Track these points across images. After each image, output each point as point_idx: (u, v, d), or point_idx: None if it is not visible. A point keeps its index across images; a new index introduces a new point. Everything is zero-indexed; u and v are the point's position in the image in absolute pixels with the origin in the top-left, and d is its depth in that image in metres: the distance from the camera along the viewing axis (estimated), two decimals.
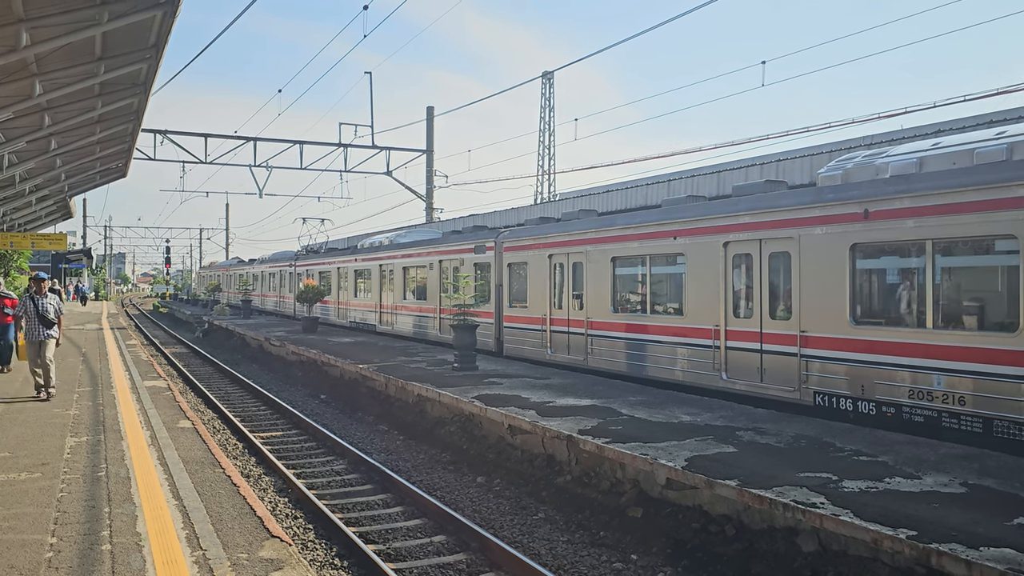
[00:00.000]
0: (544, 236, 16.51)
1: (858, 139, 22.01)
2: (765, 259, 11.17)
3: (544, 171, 50.18)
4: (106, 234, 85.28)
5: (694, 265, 12.36)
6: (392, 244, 25.55)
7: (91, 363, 17.15)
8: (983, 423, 8.44)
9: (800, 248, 10.55)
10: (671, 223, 12.92)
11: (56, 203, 37.04)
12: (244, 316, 36.66)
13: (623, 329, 13.97)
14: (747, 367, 11.38)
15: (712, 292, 12.01)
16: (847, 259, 9.93)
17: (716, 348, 11.91)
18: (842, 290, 9.99)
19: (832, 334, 10.12)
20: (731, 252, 11.73)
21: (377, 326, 25.82)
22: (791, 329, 10.68)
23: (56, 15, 11.97)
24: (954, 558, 5.13)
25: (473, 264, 19.36)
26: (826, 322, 10.19)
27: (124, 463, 7.98)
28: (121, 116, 19.67)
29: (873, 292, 10.03)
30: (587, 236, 15.02)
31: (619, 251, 14.10)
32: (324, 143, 33.28)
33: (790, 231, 10.69)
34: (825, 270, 10.20)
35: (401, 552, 7.47)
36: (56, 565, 5.16)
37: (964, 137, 9.92)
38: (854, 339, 9.82)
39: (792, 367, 10.64)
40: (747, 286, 11.53)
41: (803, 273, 10.51)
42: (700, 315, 12.22)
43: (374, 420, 14.28)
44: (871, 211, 9.59)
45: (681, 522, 7.39)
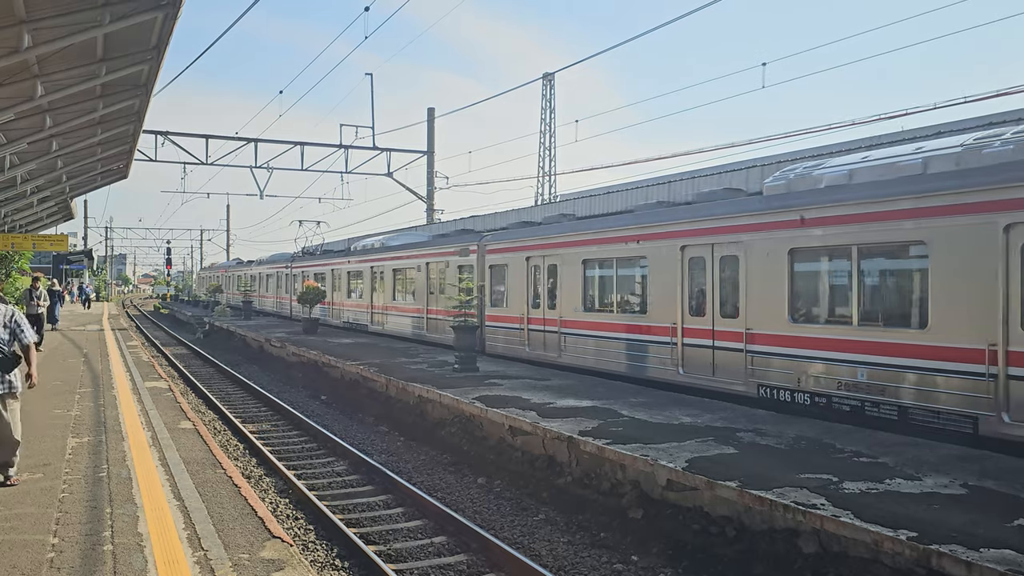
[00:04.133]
0: (522, 240, 17.32)
1: (858, 140, 22.00)
2: (717, 262, 11.93)
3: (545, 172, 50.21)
4: (107, 235, 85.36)
5: (655, 267, 13.15)
6: (383, 247, 26.30)
7: (92, 364, 17.17)
8: (899, 411, 9.28)
9: (746, 252, 11.35)
10: (635, 228, 13.74)
11: (57, 204, 37.08)
12: (245, 317, 36.67)
13: (593, 327, 14.70)
14: (702, 362, 12.11)
15: (671, 292, 12.76)
16: (786, 262, 10.73)
17: (674, 344, 12.66)
18: (781, 291, 10.78)
19: (773, 331, 10.91)
20: (687, 255, 12.48)
21: (369, 326, 26.49)
22: (738, 327, 11.42)
23: (57, 16, 11.99)
24: (954, 559, 5.13)
25: (457, 266, 19.98)
26: (768, 320, 10.99)
27: (125, 464, 7.99)
28: (122, 117, 19.70)
29: (808, 293, 10.84)
30: (561, 240, 15.81)
31: (589, 254, 14.88)
32: (325, 144, 33.29)
33: (738, 236, 11.51)
34: (767, 272, 11.00)
35: (402, 553, 7.48)
36: (58, 565, 5.17)
37: (890, 151, 10.75)
38: (791, 336, 10.62)
39: (739, 362, 11.38)
40: (701, 287, 12.27)
41: (749, 275, 11.30)
42: (660, 314, 12.98)
43: (375, 421, 14.29)
44: (806, 218, 10.41)
45: (682, 523, 7.40)
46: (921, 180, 9.26)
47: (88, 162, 25.97)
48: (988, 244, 8.37)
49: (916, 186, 9.20)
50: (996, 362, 8.27)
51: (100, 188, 36.10)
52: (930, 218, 8.93)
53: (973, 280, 8.54)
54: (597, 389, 12.66)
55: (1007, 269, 8.21)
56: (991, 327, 8.32)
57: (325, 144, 33.29)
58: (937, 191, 8.91)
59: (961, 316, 8.66)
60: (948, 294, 8.80)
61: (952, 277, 8.76)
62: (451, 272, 20.24)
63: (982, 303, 8.43)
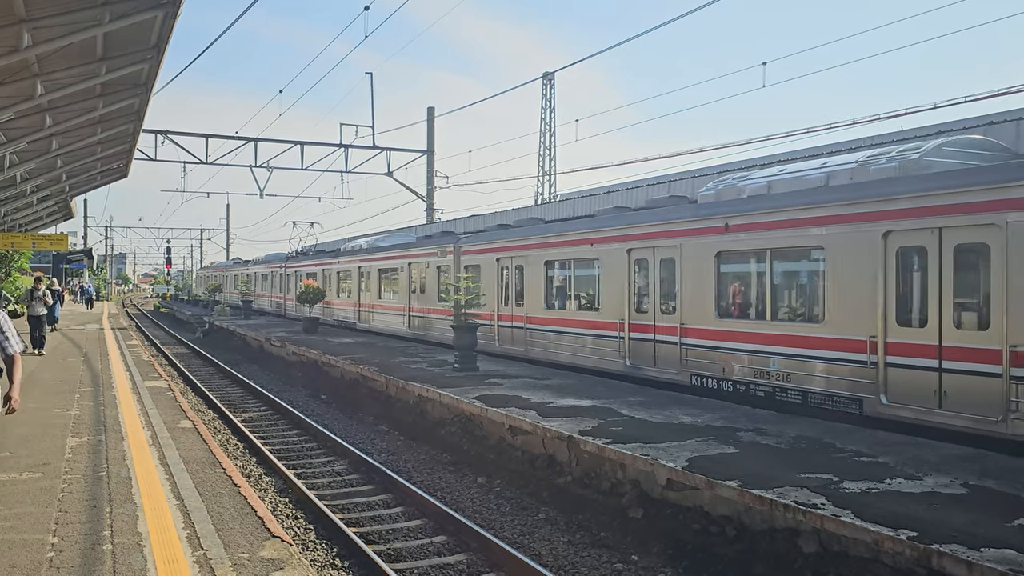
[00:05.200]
0: (493, 242, 18.60)
1: (858, 140, 21.98)
2: (657, 264, 13.19)
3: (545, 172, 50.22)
4: (107, 234, 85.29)
5: (606, 268, 14.38)
6: (370, 248, 27.51)
7: (92, 363, 17.16)
8: (801, 395, 10.56)
9: (681, 255, 12.61)
10: (589, 232, 15.00)
11: (57, 203, 37.06)
12: (244, 316, 36.67)
13: (555, 323, 16.01)
14: (645, 354, 13.39)
15: (619, 291, 14.02)
16: (713, 264, 12.00)
17: (622, 338, 13.95)
18: (710, 290, 12.07)
19: (703, 326, 12.19)
20: (633, 258, 13.73)
21: (356, 323, 27.63)
22: (675, 322, 12.74)
23: (57, 15, 11.97)
24: (955, 559, 5.13)
25: (436, 267, 21.22)
26: (699, 316, 12.28)
27: (125, 463, 7.98)
28: (122, 116, 19.68)
29: (731, 291, 12.06)
30: (526, 243, 17.10)
31: (551, 256, 16.18)
32: (325, 144, 33.24)
33: (675, 240, 12.78)
34: (698, 273, 12.28)
35: (402, 552, 7.48)
36: (57, 565, 5.16)
37: (803, 164, 12.18)
38: (718, 330, 11.90)
39: (676, 353, 12.67)
40: (645, 287, 13.60)
41: (683, 276, 12.58)
42: (610, 311, 14.24)
43: (374, 420, 14.28)
44: (730, 225, 11.70)
45: (682, 523, 7.39)
46: (820, 192, 10.64)
47: (88, 161, 25.95)
48: (870, 249, 9.61)
49: (816, 197, 10.54)
50: (876, 351, 9.52)
51: (100, 187, 36.07)
52: (826, 226, 10.24)
53: (859, 280, 9.78)
54: (597, 388, 12.65)
55: (885, 270, 9.48)
56: (872, 321, 9.60)
57: (325, 143, 33.24)
58: (831, 202, 10.23)
59: (849, 311, 9.91)
60: (840, 292, 10.06)
61: (843, 277, 10.01)
62: (431, 272, 21.51)
63: (866, 300, 9.68)
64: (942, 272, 8.93)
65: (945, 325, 8.88)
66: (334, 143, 33.05)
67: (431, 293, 21.67)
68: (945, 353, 8.85)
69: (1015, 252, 8.17)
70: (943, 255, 8.92)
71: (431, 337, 21.49)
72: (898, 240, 9.36)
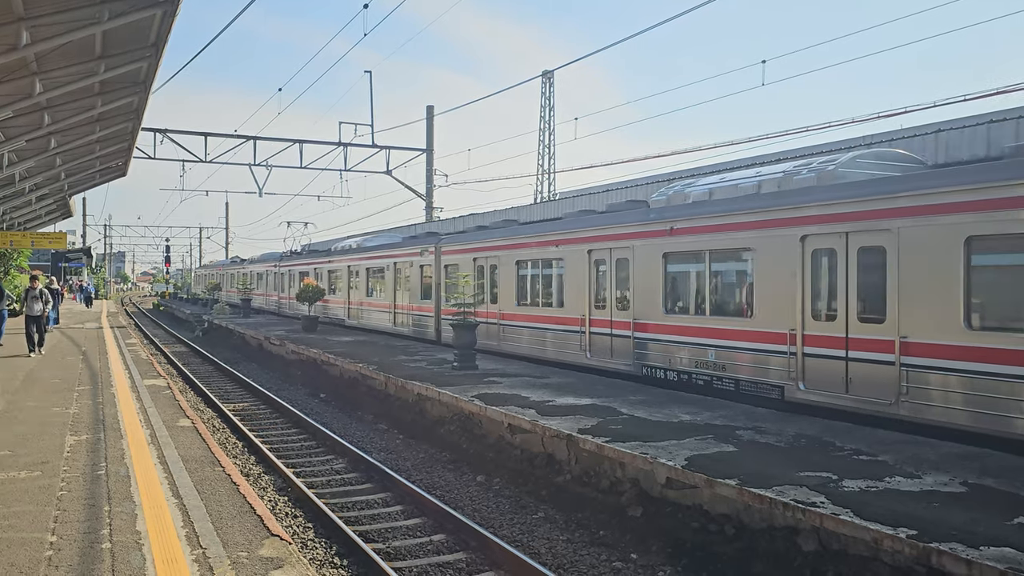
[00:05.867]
0: (470, 243, 19.63)
1: (857, 139, 22.00)
2: (614, 264, 14.18)
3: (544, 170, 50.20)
4: (106, 233, 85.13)
5: (570, 268, 15.39)
6: (359, 248, 28.48)
7: (91, 361, 17.15)
8: (734, 383, 11.55)
9: (634, 255, 13.64)
10: (555, 234, 16.07)
11: (56, 202, 37.02)
12: (243, 315, 36.65)
13: (524, 319, 17.03)
14: (603, 348, 14.43)
15: (581, 289, 14.99)
16: (661, 264, 13.03)
17: (583, 333, 14.94)
18: (658, 287, 13.10)
19: (652, 321, 13.25)
20: (593, 258, 14.74)
21: (346, 320, 28.69)
22: (628, 317, 13.79)
23: (56, 14, 11.96)
24: (954, 557, 5.13)
25: (420, 266, 22.32)
26: (649, 311, 13.31)
27: (124, 462, 7.97)
28: (121, 115, 19.65)
29: (677, 288, 13.07)
30: (499, 244, 18.11)
31: (521, 256, 17.20)
32: (324, 142, 33.19)
33: (628, 242, 13.79)
34: (648, 272, 13.32)
35: (401, 551, 7.47)
36: (56, 563, 5.15)
37: (740, 173, 13.34)
38: (665, 324, 12.98)
39: (629, 346, 13.71)
40: (602, 284, 14.54)
41: (635, 274, 13.60)
42: (573, 308, 15.23)
43: (373, 419, 14.28)
44: (675, 228, 12.75)
45: (681, 521, 7.39)
46: (751, 199, 11.64)
47: (87, 159, 25.92)
48: (790, 251, 10.69)
49: (746, 204, 11.56)
50: (795, 343, 10.59)
51: (99, 186, 36.02)
52: (754, 230, 11.30)
53: (781, 279, 10.85)
54: (596, 387, 12.65)
55: (803, 270, 10.53)
56: (792, 315, 10.66)
57: (324, 142, 33.19)
58: (758, 209, 11.27)
59: (774, 307, 11.00)
60: (765, 290, 11.15)
61: (768, 276, 11.10)
62: (414, 271, 22.64)
63: (787, 297, 10.76)
64: (848, 272, 9.98)
65: (851, 319, 9.92)
66: (333, 141, 33.02)
67: (415, 291, 22.75)
68: (851, 344, 9.90)
69: (905, 254, 9.24)
70: (849, 257, 9.97)
71: (414, 333, 22.68)
72: (813, 243, 10.42)
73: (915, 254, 9.15)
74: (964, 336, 8.60)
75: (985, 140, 16.64)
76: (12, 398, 11.97)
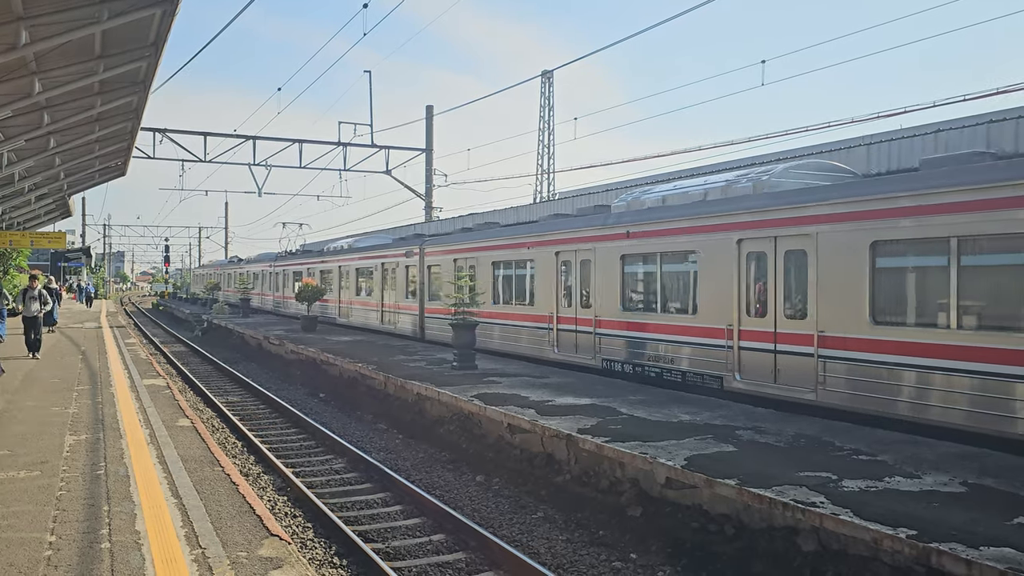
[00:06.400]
0: (451, 245, 20.68)
1: (856, 138, 21.99)
2: (578, 265, 15.14)
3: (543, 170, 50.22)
4: (105, 232, 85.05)
5: (539, 268, 16.41)
6: (350, 248, 29.40)
7: (90, 361, 17.14)
8: (681, 375, 12.57)
9: (596, 257, 14.60)
10: (526, 237, 17.11)
11: (55, 201, 36.97)
12: (243, 315, 36.63)
13: (499, 317, 17.92)
14: (569, 343, 15.39)
15: (549, 288, 15.99)
16: (619, 265, 14.01)
17: (551, 330, 15.97)
18: (616, 286, 14.06)
19: (611, 318, 14.19)
20: (560, 259, 15.73)
21: (336, 318, 29.49)
22: (590, 315, 14.73)
23: (55, 13, 11.94)
24: (954, 557, 5.13)
25: (405, 267, 23.38)
26: (608, 309, 14.25)
27: (123, 461, 7.97)
28: (120, 114, 19.63)
29: (632, 288, 14.05)
30: (477, 246, 19.16)
31: (496, 257, 18.30)
32: (323, 142, 33.18)
33: (591, 245, 14.73)
34: (608, 273, 14.30)
35: (400, 551, 7.47)
36: (55, 563, 5.15)
37: (690, 181, 14.53)
38: (623, 321, 13.92)
39: (591, 342, 14.68)
40: (569, 284, 15.52)
41: (597, 275, 14.58)
42: (542, 306, 16.23)
43: (373, 419, 14.27)
44: (631, 232, 13.73)
45: (680, 521, 7.39)
46: (697, 206, 12.64)
47: (86, 159, 25.89)
48: (728, 253, 11.64)
49: (692, 210, 12.58)
50: (732, 338, 11.54)
51: (98, 185, 35.98)
52: (698, 234, 12.28)
53: (721, 279, 11.81)
54: (596, 387, 12.65)
55: (739, 271, 11.50)
56: (730, 312, 11.64)
57: (324, 142, 33.19)
58: (702, 215, 12.28)
59: (714, 305, 11.95)
60: (708, 289, 12.09)
61: (710, 277, 12.05)
62: (400, 271, 23.70)
63: (726, 295, 11.70)
64: (776, 273, 10.97)
65: (778, 316, 10.93)
66: (333, 141, 33.01)
67: (401, 290, 23.83)
68: (778, 338, 10.90)
69: (822, 257, 10.23)
70: (776, 259, 10.97)
71: (400, 331, 23.74)
72: (747, 246, 11.42)
73: (830, 257, 10.13)
74: (870, 330, 9.60)
75: (985, 140, 16.64)
76: (11, 398, 11.97)
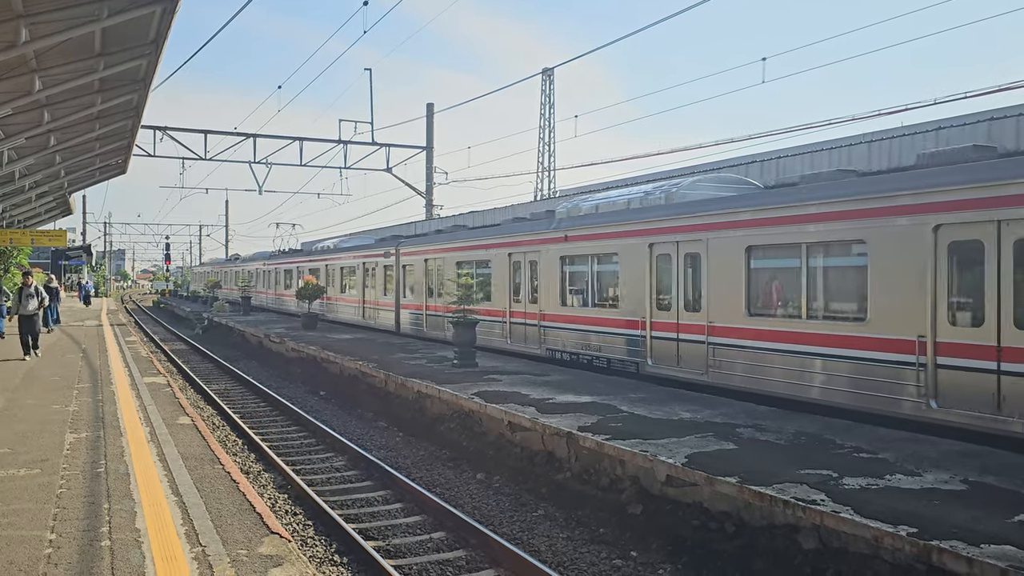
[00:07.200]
0: (422, 246, 22.46)
1: (858, 136, 21.96)
2: (527, 264, 16.96)
3: (544, 168, 50.20)
4: (106, 230, 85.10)
5: (495, 268, 18.13)
6: (335, 248, 31.20)
7: (91, 359, 17.14)
8: (607, 361, 14.25)
9: (540, 258, 16.44)
10: (484, 239, 18.93)
11: (55, 199, 36.97)
12: (244, 313, 36.63)
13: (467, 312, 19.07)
14: (520, 335, 17.12)
15: (504, 285, 17.70)
16: (559, 265, 15.83)
17: (505, 323, 17.70)
18: (557, 284, 15.88)
19: (553, 312, 16.00)
20: (512, 259, 17.51)
21: (324, 315, 30.41)
22: (536, 309, 16.57)
23: (55, 11, 11.92)
24: (955, 555, 5.12)
25: (384, 266, 25.07)
26: (551, 305, 16.07)
27: (123, 459, 7.97)
28: (120, 112, 19.62)
29: (572, 285, 15.72)
30: (444, 247, 20.95)
31: (460, 258, 20.02)
32: (324, 140, 33.17)
33: (537, 247, 16.58)
34: (550, 272, 16.09)
35: (401, 549, 7.47)
36: (55, 561, 5.15)
37: (620, 191, 16.23)
38: (562, 315, 15.71)
39: (537, 334, 16.49)
40: (518, 282, 17.28)
41: (541, 274, 16.38)
42: (498, 302, 17.91)
43: (373, 417, 14.27)
44: (568, 236, 15.54)
45: (681, 519, 7.39)
46: (620, 214, 14.37)
47: (86, 157, 25.87)
48: (642, 255, 13.42)
49: (615, 218, 14.35)
50: (645, 329, 13.36)
51: (98, 183, 35.97)
52: (619, 239, 14.05)
53: (637, 277, 13.53)
54: (596, 385, 12.65)
55: (650, 270, 13.26)
56: (644, 307, 13.36)
57: (324, 139, 33.18)
58: (622, 222, 14.04)
59: (632, 300, 13.65)
60: (627, 285, 13.83)
61: (629, 276, 13.77)
62: (379, 270, 25.51)
63: (641, 291, 13.43)
64: (678, 272, 12.71)
65: (680, 309, 12.66)
66: (333, 139, 33.01)
67: (379, 288, 25.60)
68: (680, 328, 12.66)
69: (711, 259, 11.98)
70: (678, 260, 12.71)
71: (378, 325, 25.50)
72: (657, 250, 13.19)
73: (718, 259, 11.89)
74: (746, 321, 11.39)
75: (986, 137, 16.62)
76: (12, 396, 11.97)
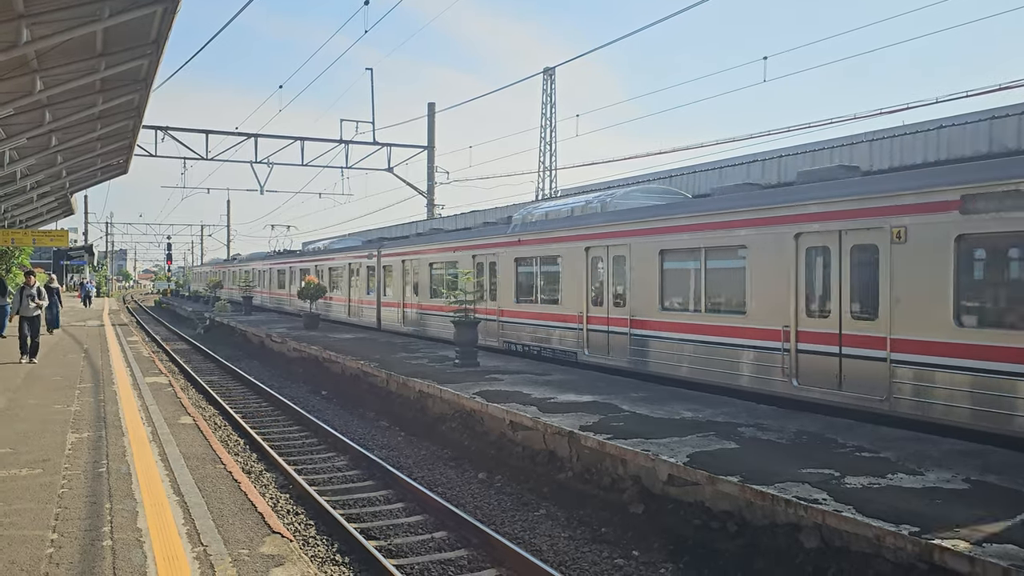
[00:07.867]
0: (400, 248, 24.33)
1: (859, 135, 21.94)
2: (488, 266, 18.77)
3: (545, 167, 50.17)
4: (107, 231, 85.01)
5: (463, 269, 18.98)
6: (325, 250, 33.05)
7: (92, 359, 17.15)
8: (552, 352, 15.92)
9: (497, 260, 18.28)
10: (453, 242, 20.82)
11: (57, 199, 37.01)
12: (245, 312, 36.64)
13: (434, 309, 21.35)
14: (484, 329, 17.58)
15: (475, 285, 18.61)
16: (512, 266, 17.63)
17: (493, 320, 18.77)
18: (512, 283, 17.59)
19: (509, 308, 17.75)
20: (476, 261, 19.21)
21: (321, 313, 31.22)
22: (495, 306, 18.12)
23: (56, 11, 11.92)
24: (957, 554, 5.11)
25: (367, 267, 27.03)
26: (507, 302, 17.81)
27: (125, 459, 7.97)
28: (122, 112, 19.63)
29: (522, 285, 17.48)
30: (418, 249, 22.76)
31: (431, 259, 21.84)
32: (325, 139, 33.16)
33: (495, 250, 18.38)
34: (506, 273, 17.91)
35: (403, 548, 7.47)
36: (57, 561, 5.15)
37: (567, 200, 18.35)
38: (516, 311, 17.50)
39: (496, 328, 18.09)
40: (482, 282, 18.75)
41: (499, 274, 18.21)
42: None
43: (375, 416, 14.27)
44: (521, 240, 17.32)
45: (683, 518, 7.38)
46: (562, 221, 16.24)
47: (88, 157, 25.89)
48: (580, 257, 15.14)
49: (558, 224, 16.23)
50: (583, 322, 15.05)
51: (100, 183, 35.97)
52: (561, 243, 15.78)
53: (576, 277, 15.27)
54: (598, 384, 12.65)
55: (587, 270, 14.96)
56: (582, 303, 15.07)
57: (325, 139, 33.17)
58: (563, 228, 15.85)
59: (572, 297, 15.39)
60: (568, 285, 15.54)
61: (569, 275, 15.50)
62: (364, 271, 27.46)
63: (580, 290, 15.14)
64: (608, 271, 14.42)
65: (609, 304, 14.35)
66: (334, 139, 33.01)
67: (363, 287, 27.54)
68: (611, 322, 14.29)
69: (634, 261, 13.62)
70: (609, 261, 14.38)
71: (362, 322, 27.37)
72: (592, 252, 14.85)
73: (639, 261, 13.53)
74: (660, 314, 13.01)
75: (987, 136, 16.59)
76: (13, 396, 11.98)
